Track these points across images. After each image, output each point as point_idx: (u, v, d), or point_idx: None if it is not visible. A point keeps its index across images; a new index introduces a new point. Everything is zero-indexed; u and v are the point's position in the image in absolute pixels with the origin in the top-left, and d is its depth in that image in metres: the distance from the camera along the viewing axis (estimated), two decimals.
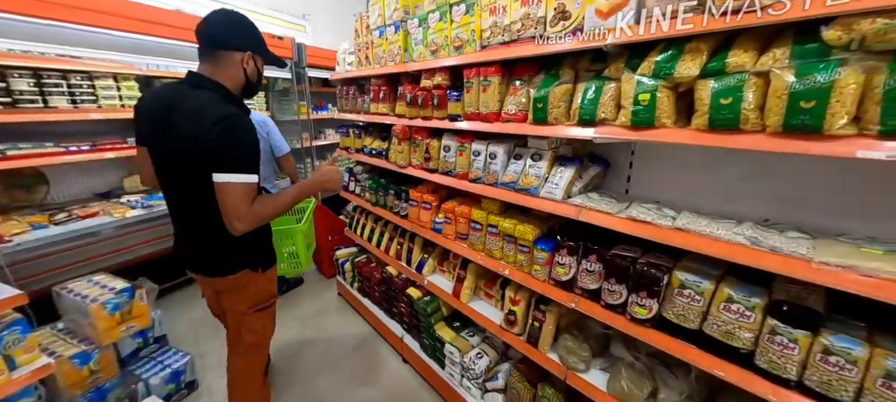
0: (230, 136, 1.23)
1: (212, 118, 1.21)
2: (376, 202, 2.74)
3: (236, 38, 1.37)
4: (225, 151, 1.22)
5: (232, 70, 1.38)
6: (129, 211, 2.94)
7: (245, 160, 1.27)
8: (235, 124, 1.24)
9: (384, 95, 2.39)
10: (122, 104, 3.02)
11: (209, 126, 1.20)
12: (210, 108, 1.24)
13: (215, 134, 1.20)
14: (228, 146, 1.23)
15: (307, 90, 4.39)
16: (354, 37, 2.60)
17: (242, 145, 1.26)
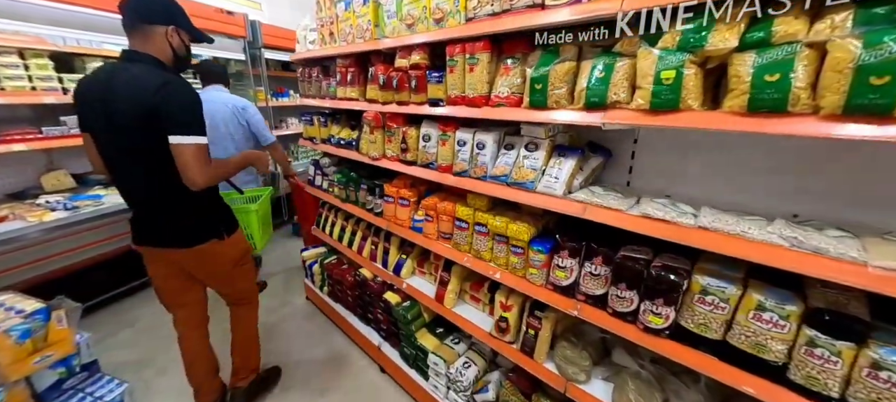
0: (176, 99, 1.31)
1: (154, 85, 1.28)
2: (347, 198, 2.47)
3: (157, 13, 1.39)
4: (174, 113, 1.31)
5: (159, 44, 1.41)
6: (48, 214, 2.48)
7: (195, 122, 1.36)
8: (178, 88, 1.33)
9: (353, 78, 2.11)
10: (32, 87, 2.53)
11: (152, 92, 1.27)
12: (149, 75, 1.31)
13: (160, 98, 1.28)
14: (176, 109, 1.31)
15: (264, 74, 3.97)
16: (317, 11, 2.28)
17: (189, 108, 1.35)
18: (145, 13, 1.37)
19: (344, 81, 2.17)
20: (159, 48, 1.41)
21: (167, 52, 1.43)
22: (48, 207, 2.56)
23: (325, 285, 2.87)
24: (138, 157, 1.40)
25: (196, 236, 1.57)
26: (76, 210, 2.60)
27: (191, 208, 1.52)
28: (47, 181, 2.82)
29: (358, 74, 2.10)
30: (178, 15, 1.45)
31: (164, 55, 1.42)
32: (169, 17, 1.41)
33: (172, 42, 1.42)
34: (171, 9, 1.43)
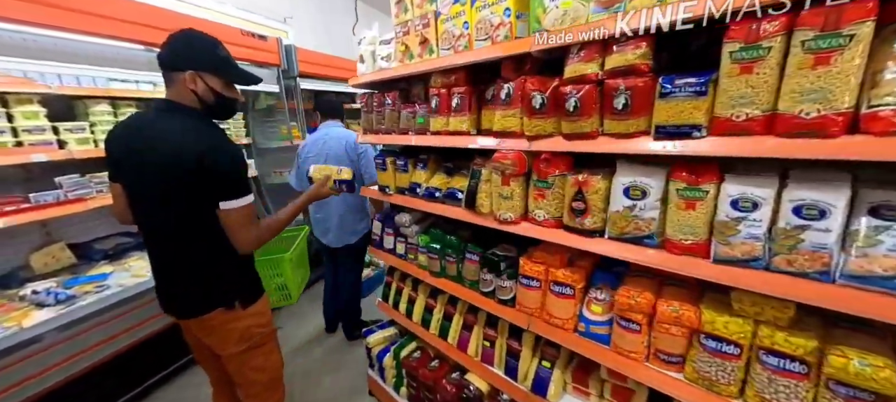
0: (224, 164, 1.22)
1: (195, 148, 1.18)
2: (441, 271, 1.74)
3: (179, 57, 1.24)
4: (223, 180, 1.23)
5: (183, 92, 1.26)
6: (32, 312, 1.80)
7: (242, 181, 1.28)
8: (224, 151, 1.24)
9: (461, 102, 1.41)
10: (18, 142, 1.91)
11: (195, 156, 1.17)
12: (188, 132, 1.21)
13: (209, 164, 1.18)
14: (224, 175, 1.23)
15: (300, 106, 3.37)
16: (396, 14, 1.63)
17: (237, 169, 1.27)
18: (165, 58, 1.24)
19: (444, 108, 1.48)
20: (187, 97, 1.26)
21: (192, 100, 1.27)
22: (34, 300, 1.90)
23: (405, 387, 2.10)
24: (164, 214, 1.28)
25: (201, 303, 1.34)
26: (71, 302, 1.93)
27: (204, 270, 1.33)
28: (38, 261, 2.17)
29: (469, 97, 1.41)
30: (201, 57, 1.26)
31: (193, 105, 1.28)
32: (187, 61, 1.24)
33: (195, 89, 1.25)
34: (196, 53, 1.25)
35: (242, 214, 1.26)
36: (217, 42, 1.28)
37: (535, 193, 1.25)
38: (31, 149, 1.94)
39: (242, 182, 1.26)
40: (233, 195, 1.22)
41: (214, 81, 1.26)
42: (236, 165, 1.25)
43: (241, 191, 1.25)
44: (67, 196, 2.09)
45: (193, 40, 1.24)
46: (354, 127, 3.97)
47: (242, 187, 1.25)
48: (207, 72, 1.25)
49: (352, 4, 5.55)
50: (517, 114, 1.22)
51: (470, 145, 1.40)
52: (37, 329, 1.72)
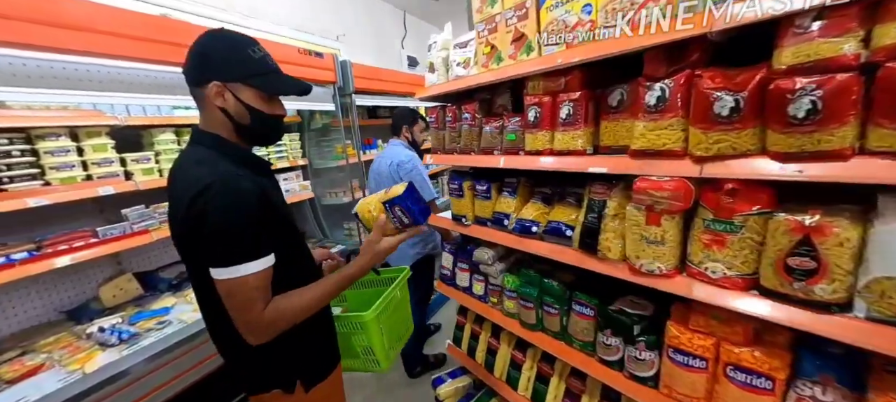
0: (212, 215, 0.82)
1: (192, 189, 0.85)
2: (538, 325, 1.39)
3: (201, 66, 0.91)
4: (208, 236, 0.83)
5: (211, 112, 0.94)
6: (96, 354, 1.72)
7: (238, 244, 0.84)
8: (217, 195, 0.83)
9: (574, 112, 1.07)
10: (87, 176, 1.88)
11: (187, 202, 0.85)
12: (191, 176, 0.87)
13: (194, 214, 0.84)
14: (210, 229, 0.83)
15: (355, 124, 3.21)
16: (479, 7, 1.33)
17: (228, 225, 0.83)
18: (187, 70, 0.93)
19: (546, 121, 1.14)
20: (213, 117, 0.94)
21: (221, 120, 0.94)
22: (99, 339, 1.82)
23: None
24: (192, 276, 0.99)
25: (253, 379, 1.03)
26: (134, 341, 1.83)
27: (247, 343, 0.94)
28: (107, 294, 2.13)
29: (585, 105, 1.06)
30: (226, 63, 0.91)
31: (222, 126, 0.95)
32: (210, 69, 0.90)
33: (224, 106, 0.92)
34: (214, 56, 0.91)
35: (238, 290, 0.83)
36: (250, 41, 0.94)
37: (705, 237, 0.86)
38: (100, 182, 1.89)
39: (237, 242, 0.83)
40: (220, 260, 0.82)
41: (247, 94, 0.91)
42: (230, 217, 0.82)
43: (234, 255, 0.82)
44: (133, 228, 2.03)
45: (217, 41, 0.91)
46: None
47: (236, 250, 0.83)
48: (236, 81, 0.90)
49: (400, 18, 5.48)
50: (676, 125, 0.85)
51: (590, 169, 1.04)
52: (98, 375, 1.61)
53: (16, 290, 1.93)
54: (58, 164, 1.76)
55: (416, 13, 5.46)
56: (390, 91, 3.61)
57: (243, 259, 0.83)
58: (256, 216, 0.85)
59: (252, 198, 0.85)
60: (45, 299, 2.05)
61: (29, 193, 1.64)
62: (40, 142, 1.72)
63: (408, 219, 1.06)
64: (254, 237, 0.85)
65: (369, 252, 1.03)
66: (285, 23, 3.49)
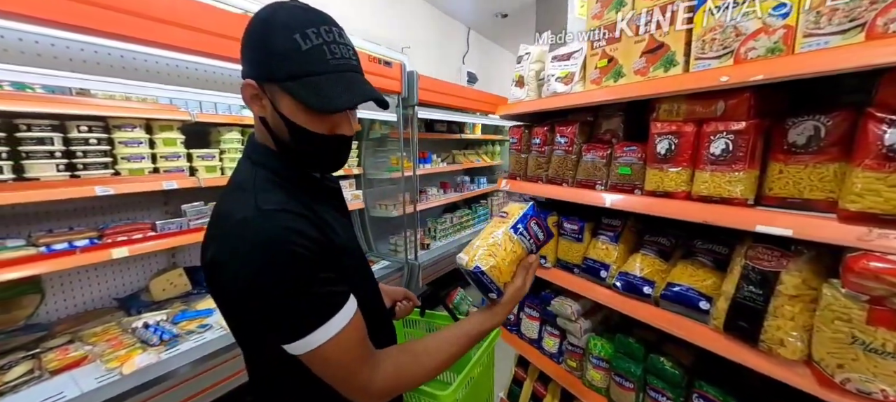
0: (242, 276, 0.57)
1: (212, 240, 0.63)
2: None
3: (244, 59, 0.65)
4: (264, 301, 0.58)
5: (257, 122, 0.70)
6: (136, 354, 1.65)
7: (300, 306, 0.58)
8: (242, 251, 0.58)
9: (732, 148, 0.79)
10: (155, 168, 1.87)
11: (209, 258, 0.62)
12: (224, 207, 0.65)
13: (217, 277, 0.62)
14: (262, 291, 0.57)
15: (415, 137, 3.09)
16: (593, 18, 1.11)
17: (267, 286, 0.57)
18: (244, 60, 0.65)
19: (685, 155, 0.88)
20: (258, 129, 0.70)
21: (264, 134, 0.69)
22: (142, 336, 1.76)
23: None
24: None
25: None
26: (174, 344, 1.75)
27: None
28: (157, 287, 2.11)
29: (752, 139, 0.78)
30: (260, 52, 0.62)
31: (269, 141, 0.69)
32: (245, 61, 0.65)
33: (263, 113, 0.66)
34: (250, 39, 0.63)
35: (326, 360, 0.61)
36: (308, 20, 0.61)
37: None
38: (166, 176, 1.88)
39: (298, 305, 0.58)
40: (288, 333, 0.59)
41: (286, 102, 0.62)
42: (262, 279, 0.57)
43: (301, 323, 0.58)
44: (190, 224, 2.00)
45: (269, 17, 0.61)
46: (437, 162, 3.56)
47: (294, 314, 0.58)
48: (271, 82, 0.62)
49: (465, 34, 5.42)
50: None
51: (760, 228, 0.75)
52: (135, 379, 1.53)
53: (77, 274, 1.95)
54: (130, 154, 1.75)
55: (480, 30, 5.38)
56: (452, 105, 3.48)
57: (316, 323, 0.59)
58: (312, 260, 0.59)
59: (300, 242, 0.58)
60: (102, 285, 2.06)
61: (98, 181, 1.63)
62: (117, 132, 1.73)
63: (543, 235, 0.82)
64: (321, 288, 0.59)
65: (515, 300, 0.77)
66: (356, 32, 3.51)
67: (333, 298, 0.61)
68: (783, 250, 0.78)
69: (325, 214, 0.69)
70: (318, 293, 0.59)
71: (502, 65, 6.17)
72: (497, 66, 6.03)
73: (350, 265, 0.70)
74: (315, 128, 0.64)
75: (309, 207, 0.65)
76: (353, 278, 0.69)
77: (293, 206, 0.62)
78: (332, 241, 0.65)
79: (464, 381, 0.88)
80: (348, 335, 0.61)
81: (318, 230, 0.62)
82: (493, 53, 6.02)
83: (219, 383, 1.80)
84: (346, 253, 0.70)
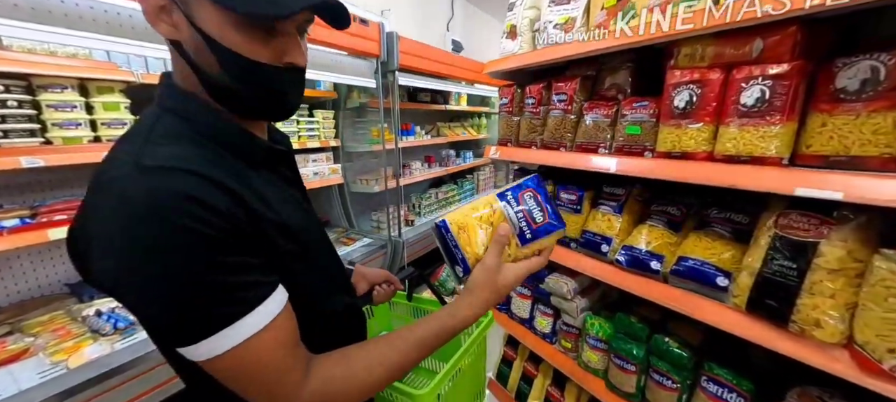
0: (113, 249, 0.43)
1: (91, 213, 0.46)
2: (636, 394, 1.00)
3: None
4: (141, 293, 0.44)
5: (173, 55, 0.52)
6: (85, 344, 1.47)
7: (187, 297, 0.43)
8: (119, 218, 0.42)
9: (770, 96, 0.66)
10: (96, 137, 1.63)
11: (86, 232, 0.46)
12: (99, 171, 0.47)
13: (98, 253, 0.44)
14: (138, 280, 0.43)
15: (396, 106, 2.88)
16: None
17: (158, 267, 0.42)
18: None
19: (708, 108, 0.74)
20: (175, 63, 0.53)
21: (182, 70, 0.51)
22: (94, 325, 1.59)
23: None
24: None
25: None
26: (130, 332, 1.59)
27: None
28: None
29: (793, 84, 0.65)
30: None
31: (190, 81, 0.51)
32: None
33: (172, 34, 0.48)
34: None
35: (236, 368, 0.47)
36: None
37: None
38: (109, 145, 1.64)
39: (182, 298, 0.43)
40: (178, 335, 0.45)
41: (207, 12, 0.45)
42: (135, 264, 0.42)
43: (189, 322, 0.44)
44: None
45: None
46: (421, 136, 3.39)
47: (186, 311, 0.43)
48: None
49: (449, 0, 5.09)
50: None
51: (799, 191, 0.63)
52: (82, 373, 1.36)
53: (18, 258, 1.73)
54: (62, 120, 1.51)
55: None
56: (436, 73, 3.26)
57: (218, 324, 0.44)
58: (214, 239, 0.43)
59: (197, 213, 0.42)
60: (48, 270, 1.85)
61: (24, 150, 1.40)
62: (43, 93, 1.47)
63: (542, 217, 0.61)
64: (225, 277, 0.44)
65: (487, 288, 0.59)
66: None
67: (247, 290, 0.46)
68: (823, 216, 0.66)
69: (262, 182, 0.53)
70: (223, 285, 0.44)
71: (489, 33, 5.89)
72: (484, 34, 5.75)
73: (290, 250, 0.53)
74: (255, 54, 0.48)
75: (234, 171, 0.49)
76: (293, 266, 0.53)
77: (195, 164, 0.45)
78: (258, 216, 0.49)
79: (445, 377, 0.75)
80: (268, 340, 0.47)
81: (234, 199, 0.46)
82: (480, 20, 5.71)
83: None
84: (285, 233, 0.53)
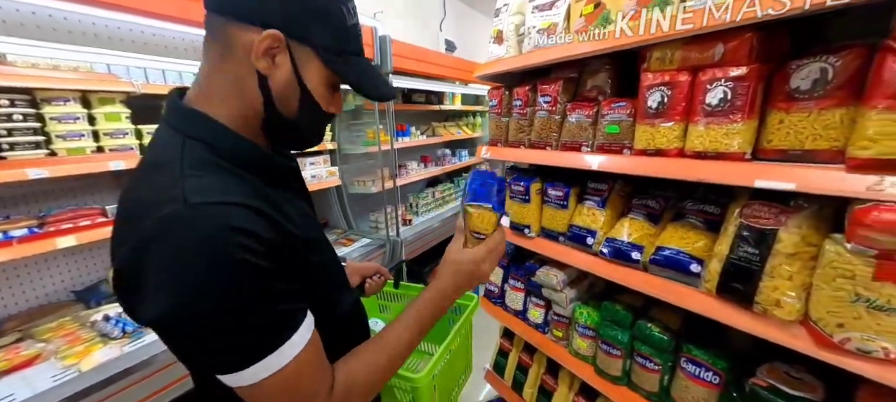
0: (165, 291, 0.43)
1: (143, 248, 0.44)
2: (623, 378, 1.06)
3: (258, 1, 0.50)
4: (195, 326, 0.44)
5: (230, 73, 0.52)
6: (95, 349, 1.53)
7: (238, 328, 0.45)
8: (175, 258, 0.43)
9: (732, 97, 0.72)
10: (98, 147, 1.68)
11: (140, 268, 0.44)
12: (143, 206, 0.46)
13: (152, 288, 0.43)
14: (194, 314, 0.44)
15: (391, 109, 2.93)
16: None
17: (216, 302, 0.44)
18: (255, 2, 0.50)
19: (678, 107, 0.80)
20: (233, 86, 0.52)
21: (247, 96, 0.53)
22: (102, 329, 1.64)
23: None
24: None
25: None
26: (138, 336, 1.64)
27: None
28: None
29: (753, 87, 0.71)
30: (301, 6, 0.50)
31: (242, 106, 0.54)
32: (270, 9, 0.49)
33: (268, 71, 0.51)
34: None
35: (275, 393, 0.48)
36: None
37: None
38: (112, 155, 1.69)
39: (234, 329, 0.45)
40: (225, 365, 0.46)
41: (314, 70, 0.54)
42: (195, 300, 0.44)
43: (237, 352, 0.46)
44: None
45: None
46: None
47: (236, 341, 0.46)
48: (308, 44, 0.53)
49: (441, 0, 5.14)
50: None
51: (759, 183, 0.69)
52: (95, 375, 1.42)
53: (25, 267, 1.77)
54: (65, 132, 1.56)
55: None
56: (430, 74, 3.31)
57: (265, 351, 0.46)
58: (264, 270, 0.46)
59: (249, 245, 0.45)
60: (55, 278, 1.89)
61: (30, 162, 1.45)
62: (46, 106, 1.52)
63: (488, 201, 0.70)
64: (274, 306, 0.47)
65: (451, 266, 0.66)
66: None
67: (289, 316, 0.49)
68: (782, 205, 0.73)
69: (281, 200, 0.56)
70: (271, 314, 0.47)
71: (482, 32, 5.94)
72: (476, 33, 5.80)
73: (316, 262, 0.58)
74: (324, 103, 0.58)
75: (261, 193, 0.51)
76: (320, 277, 0.58)
77: (236, 195, 0.47)
78: (293, 236, 0.52)
79: (439, 359, 0.82)
80: (304, 360, 0.49)
81: (273, 226, 0.49)
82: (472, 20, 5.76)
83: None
84: (311, 248, 0.57)
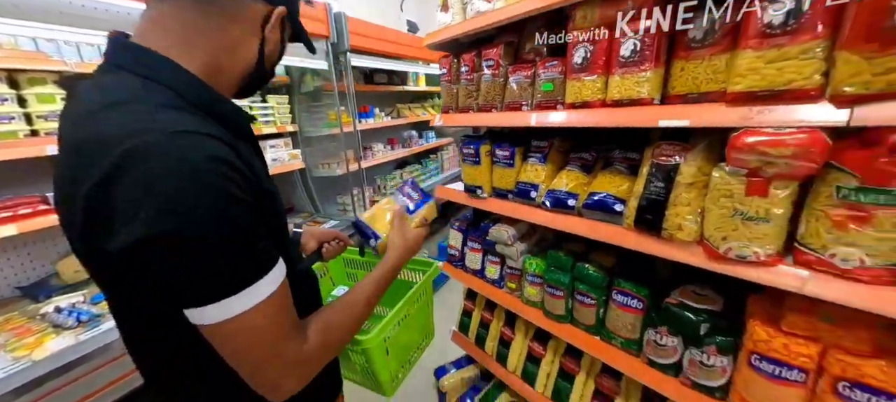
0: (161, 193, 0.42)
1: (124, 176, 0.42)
2: (566, 316, 1.18)
3: None
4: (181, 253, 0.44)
5: (232, 34, 0.56)
6: (48, 338, 1.48)
7: (232, 256, 0.46)
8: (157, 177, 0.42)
9: (641, 48, 0.82)
10: (32, 130, 1.59)
11: (96, 182, 0.43)
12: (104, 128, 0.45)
13: (137, 215, 0.42)
14: (182, 241, 0.43)
15: (351, 88, 2.90)
16: None
17: (201, 227, 0.43)
18: None
19: (599, 62, 0.89)
20: (227, 40, 0.56)
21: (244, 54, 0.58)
22: (54, 321, 1.58)
23: None
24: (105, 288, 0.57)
25: None
26: (94, 324, 1.60)
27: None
28: (67, 269, 1.88)
29: (658, 38, 0.80)
30: None
31: (226, 57, 0.57)
32: None
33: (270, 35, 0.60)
34: None
35: (254, 331, 0.49)
36: None
37: (837, 213, 0.62)
38: (48, 139, 1.60)
39: (218, 257, 0.45)
40: (202, 292, 0.46)
41: (287, 29, 0.65)
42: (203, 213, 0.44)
43: (230, 278, 0.46)
44: None
45: None
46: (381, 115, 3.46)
47: (218, 268, 0.46)
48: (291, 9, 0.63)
49: None
50: (815, 51, 0.60)
51: (662, 122, 0.79)
52: (49, 363, 1.38)
53: None
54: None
55: None
56: (391, 53, 3.29)
57: (249, 279, 0.47)
58: (247, 203, 0.48)
59: (232, 176, 0.46)
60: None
61: None
62: None
63: (417, 196, 0.99)
64: (256, 240, 0.49)
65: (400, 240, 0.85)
66: None
67: (264, 254, 0.50)
68: (683, 143, 0.83)
69: (246, 153, 0.55)
70: (251, 247, 0.48)
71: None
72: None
73: (277, 213, 0.61)
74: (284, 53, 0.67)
75: (230, 143, 0.50)
76: (282, 229, 0.64)
77: (211, 131, 0.48)
78: (261, 185, 0.54)
79: (390, 322, 0.88)
80: (276, 304, 0.50)
81: (248, 167, 0.51)
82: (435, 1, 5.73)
83: None
84: (272, 198, 0.58)
